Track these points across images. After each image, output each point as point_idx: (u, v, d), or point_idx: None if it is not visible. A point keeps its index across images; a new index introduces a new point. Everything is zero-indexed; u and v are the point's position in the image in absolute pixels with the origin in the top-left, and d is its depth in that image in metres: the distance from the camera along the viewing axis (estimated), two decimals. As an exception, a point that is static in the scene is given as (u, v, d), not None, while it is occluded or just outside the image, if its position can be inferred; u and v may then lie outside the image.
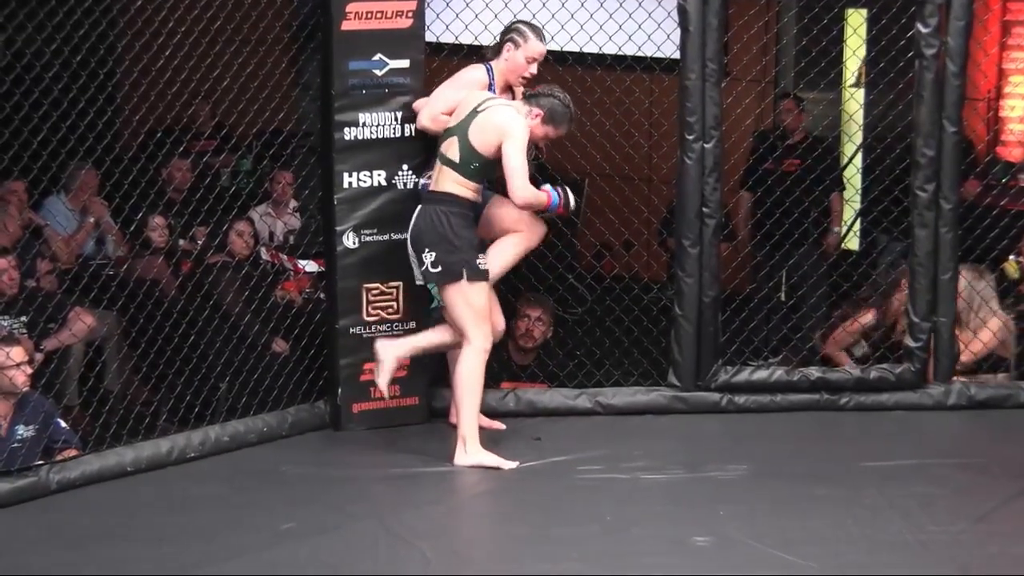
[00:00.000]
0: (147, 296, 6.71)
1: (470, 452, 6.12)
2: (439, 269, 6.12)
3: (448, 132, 6.17)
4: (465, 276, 6.08)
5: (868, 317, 7.43)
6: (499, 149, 6.06)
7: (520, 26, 6.45)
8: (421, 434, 6.58)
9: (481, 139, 6.08)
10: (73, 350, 7.20)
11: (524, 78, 6.42)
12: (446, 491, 5.94)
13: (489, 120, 6.09)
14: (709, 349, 6.87)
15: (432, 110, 6.42)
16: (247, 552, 5.17)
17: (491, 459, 6.11)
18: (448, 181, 6.13)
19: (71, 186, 8.28)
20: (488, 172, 6.18)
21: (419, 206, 6.21)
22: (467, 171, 6.11)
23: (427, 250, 6.13)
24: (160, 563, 5.09)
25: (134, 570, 5.04)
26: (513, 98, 6.40)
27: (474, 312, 6.11)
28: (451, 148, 6.13)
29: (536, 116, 6.15)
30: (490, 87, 6.38)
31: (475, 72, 6.41)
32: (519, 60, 6.40)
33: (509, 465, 6.10)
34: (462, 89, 6.34)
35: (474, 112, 6.12)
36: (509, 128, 6.07)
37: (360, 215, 6.57)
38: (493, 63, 6.45)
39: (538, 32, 6.46)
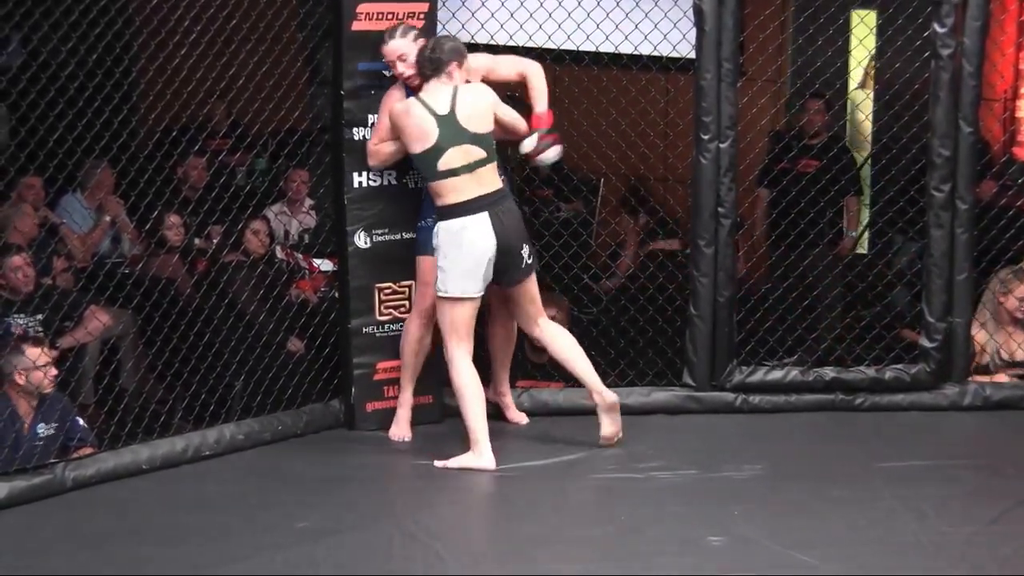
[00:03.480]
0: (163, 294, 6.73)
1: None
2: (532, 260, 6.27)
3: (441, 147, 6.05)
4: None
5: None
6: (494, 119, 6.19)
7: (388, 28, 6.35)
8: (435, 433, 6.58)
9: (485, 124, 6.15)
10: (89, 348, 7.22)
11: (404, 78, 6.28)
12: (460, 490, 5.94)
13: (473, 104, 6.13)
14: (724, 349, 6.87)
15: (369, 148, 6.39)
16: (263, 551, 5.17)
17: None
18: (497, 177, 6.17)
19: (87, 184, 8.29)
20: None
21: (475, 217, 6.09)
22: (496, 157, 6.20)
23: (525, 245, 6.21)
24: (176, 562, 5.09)
25: (150, 569, 5.05)
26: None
27: None
28: (470, 154, 6.09)
29: (457, 67, 6.16)
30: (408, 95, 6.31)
31: (394, 93, 6.34)
32: (386, 59, 6.34)
33: None
34: (384, 115, 6.32)
35: (447, 117, 6.07)
36: (486, 96, 6.20)
37: (371, 215, 6.58)
38: None
39: (390, 32, 6.29)
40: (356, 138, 6.52)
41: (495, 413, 6.69)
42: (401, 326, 6.62)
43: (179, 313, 6.61)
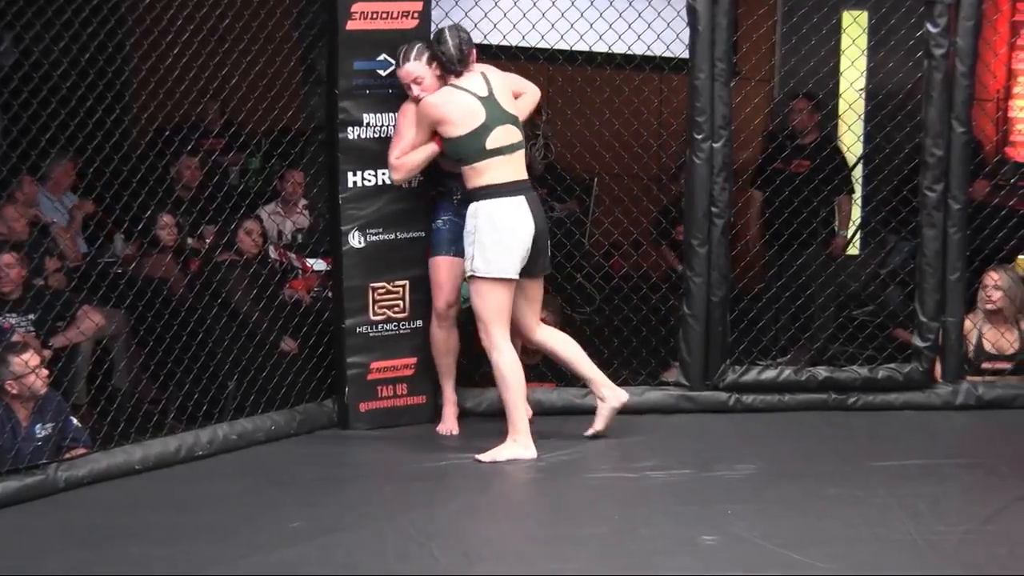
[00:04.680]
0: (156, 294, 6.71)
1: None
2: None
3: (489, 126, 6.10)
4: None
5: None
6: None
7: (403, 47, 6.30)
8: (428, 433, 6.58)
9: (514, 106, 6.23)
10: (81, 348, 7.21)
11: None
12: (455, 491, 5.94)
13: (504, 86, 6.22)
14: (717, 348, 6.87)
15: (393, 163, 6.33)
16: (257, 551, 5.16)
17: None
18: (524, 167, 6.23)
19: (49, 176, 8.24)
20: None
21: (515, 199, 6.13)
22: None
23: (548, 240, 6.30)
24: (170, 562, 5.08)
25: (144, 569, 5.04)
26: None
27: None
28: (511, 135, 6.15)
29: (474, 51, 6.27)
30: None
31: (410, 104, 6.32)
32: (401, 81, 6.32)
33: None
34: (411, 123, 6.28)
35: (488, 98, 6.13)
36: (508, 77, 6.29)
37: (365, 214, 6.57)
38: None
39: (405, 53, 6.25)
40: (351, 138, 6.51)
41: (492, 410, 6.74)
42: (395, 326, 6.62)
43: (172, 313, 6.59)
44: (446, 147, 6.19)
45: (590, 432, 6.41)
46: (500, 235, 6.10)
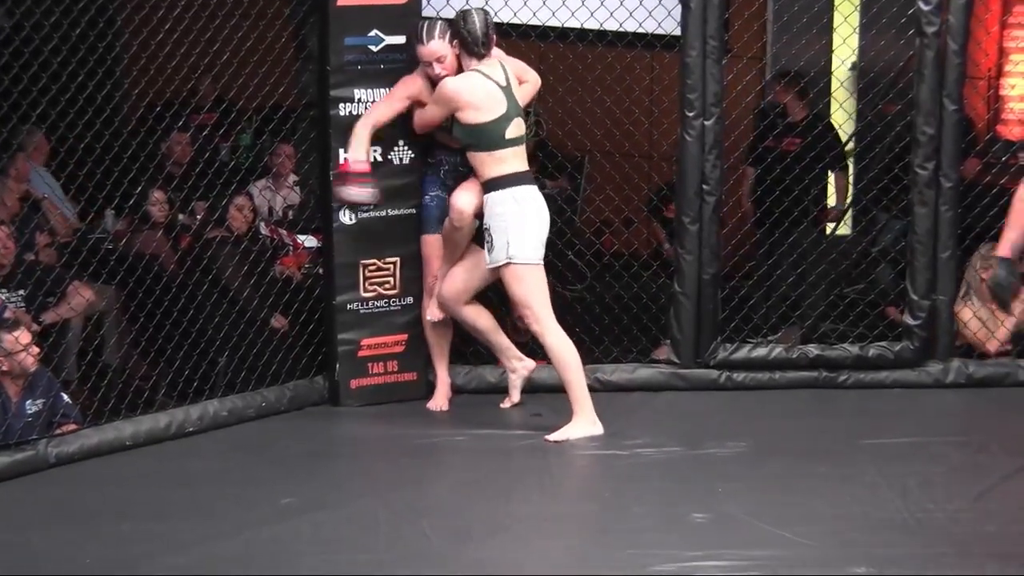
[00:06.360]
0: (146, 270, 6.70)
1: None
2: None
3: (509, 116, 6.13)
4: None
5: None
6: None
7: (424, 23, 6.30)
8: (419, 410, 6.59)
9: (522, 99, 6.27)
10: (72, 324, 7.19)
11: (440, 79, 6.24)
12: (446, 467, 5.95)
13: (516, 79, 6.24)
14: (708, 326, 6.87)
15: (366, 118, 6.37)
16: (247, 527, 5.16)
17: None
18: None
19: (27, 147, 8.17)
20: None
21: (533, 188, 6.20)
22: None
23: None
24: (160, 538, 5.08)
25: (134, 546, 5.03)
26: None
27: None
28: (521, 128, 6.20)
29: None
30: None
31: (411, 81, 6.35)
32: (423, 58, 6.31)
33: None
34: (396, 101, 6.33)
35: (507, 89, 6.16)
36: (521, 66, 6.32)
37: (357, 192, 6.56)
38: None
39: (428, 31, 6.24)
40: (342, 114, 6.50)
41: (483, 387, 6.75)
42: (386, 303, 6.63)
43: (163, 289, 6.59)
44: (461, 133, 6.18)
45: (507, 404, 6.57)
46: (530, 221, 6.14)
